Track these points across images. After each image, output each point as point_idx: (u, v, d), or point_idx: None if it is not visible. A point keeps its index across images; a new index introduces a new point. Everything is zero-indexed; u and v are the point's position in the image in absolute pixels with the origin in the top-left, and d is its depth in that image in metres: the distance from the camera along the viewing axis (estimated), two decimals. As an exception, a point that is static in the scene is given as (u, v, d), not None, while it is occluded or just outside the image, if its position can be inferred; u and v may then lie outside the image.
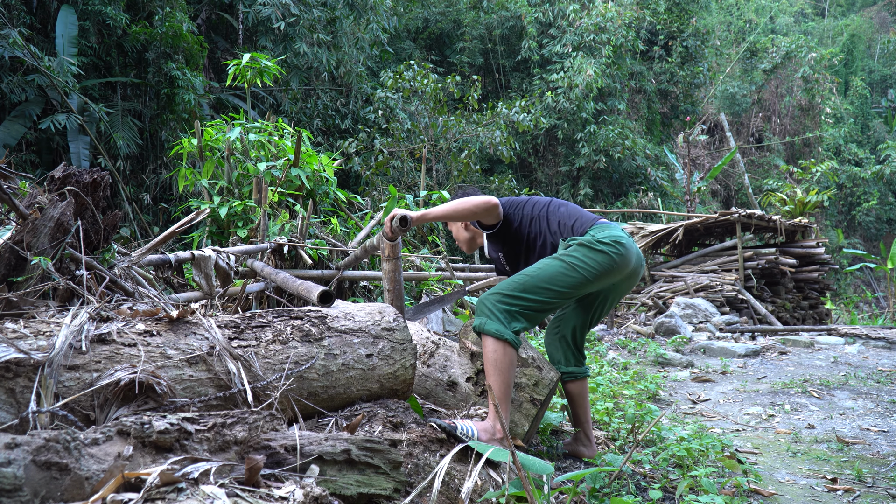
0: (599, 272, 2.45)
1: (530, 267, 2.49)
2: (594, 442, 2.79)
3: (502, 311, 2.37)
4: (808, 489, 2.69)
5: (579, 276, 2.43)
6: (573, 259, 2.44)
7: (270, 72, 6.80)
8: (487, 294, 2.45)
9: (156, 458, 1.39)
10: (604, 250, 2.45)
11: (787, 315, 10.42)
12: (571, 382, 2.78)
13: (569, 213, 2.64)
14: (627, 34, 16.16)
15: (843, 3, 32.89)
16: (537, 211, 2.67)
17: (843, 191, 22.55)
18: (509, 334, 2.33)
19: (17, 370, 1.59)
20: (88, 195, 2.72)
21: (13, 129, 8.36)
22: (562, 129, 15.75)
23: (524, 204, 2.72)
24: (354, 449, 1.63)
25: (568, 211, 2.65)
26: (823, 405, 4.39)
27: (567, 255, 2.46)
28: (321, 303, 2.35)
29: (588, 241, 2.47)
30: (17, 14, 8.60)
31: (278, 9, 11.39)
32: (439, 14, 17.05)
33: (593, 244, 2.46)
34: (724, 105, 22.80)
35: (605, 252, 2.45)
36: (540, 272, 2.43)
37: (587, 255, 2.45)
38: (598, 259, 2.45)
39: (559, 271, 2.43)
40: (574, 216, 2.61)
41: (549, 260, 2.47)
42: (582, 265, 2.43)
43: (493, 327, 2.34)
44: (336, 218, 6.70)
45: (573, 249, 2.47)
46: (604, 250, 2.45)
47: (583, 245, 2.46)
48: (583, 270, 2.43)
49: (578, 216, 2.62)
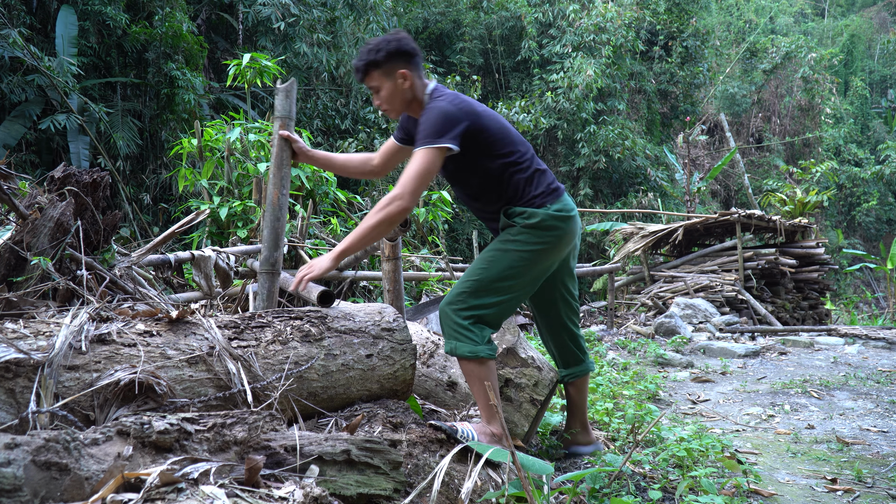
0: (551, 250, 2.30)
1: (478, 264, 2.28)
2: (591, 428, 2.77)
3: (469, 322, 2.20)
4: (808, 489, 2.69)
5: (534, 260, 2.26)
6: (522, 243, 2.26)
7: (270, 72, 6.80)
8: (445, 305, 2.25)
9: (156, 458, 1.39)
10: (554, 225, 2.29)
11: (786, 315, 10.42)
12: (572, 383, 2.72)
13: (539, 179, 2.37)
14: (627, 34, 16.15)
15: (843, 4, 32.88)
16: (508, 159, 2.33)
17: (843, 191, 22.54)
18: (484, 350, 2.18)
19: (17, 370, 1.59)
20: (88, 195, 2.72)
21: (13, 129, 8.36)
22: (562, 130, 15.74)
23: (497, 139, 2.31)
24: (354, 449, 1.63)
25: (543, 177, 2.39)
26: (823, 405, 4.39)
27: (515, 240, 2.27)
28: (321, 303, 2.34)
29: (539, 222, 2.27)
30: (17, 14, 8.60)
31: (278, 9, 11.39)
32: (439, 14, 17.05)
33: (545, 221, 2.27)
34: (723, 105, 22.79)
35: (556, 226, 2.29)
36: (492, 268, 2.24)
37: (537, 235, 2.26)
38: (549, 236, 2.28)
39: (512, 261, 2.24)
40: (540, 185, 2.35)
41: (497, 252, 2.27)
42: (533, 247, 2.26)
43: (465, 349, 2.18)
44: (336, 218, 6.70)
45: (519, 233, 2.27)
46: (554, 225, 2.29)
47: (531, 227, 2.26)
48: (535, 253, 2.26)
49: (545, 186, 2.36)
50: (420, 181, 2.13)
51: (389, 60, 2.25)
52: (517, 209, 2.30)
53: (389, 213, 2.13)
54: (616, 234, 11.95)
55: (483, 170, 2.31)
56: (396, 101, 2.32)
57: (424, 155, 2.14)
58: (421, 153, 2.14)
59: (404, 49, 2.27)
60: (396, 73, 2.27)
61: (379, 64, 2.26)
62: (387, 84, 2.28)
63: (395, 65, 2.26)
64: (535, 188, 2.32)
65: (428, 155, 2.14)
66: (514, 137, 2.37)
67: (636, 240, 11.16)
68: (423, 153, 2.14)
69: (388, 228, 2.17)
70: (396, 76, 2.27)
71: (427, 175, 2.14)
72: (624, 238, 11.72)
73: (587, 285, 14.91)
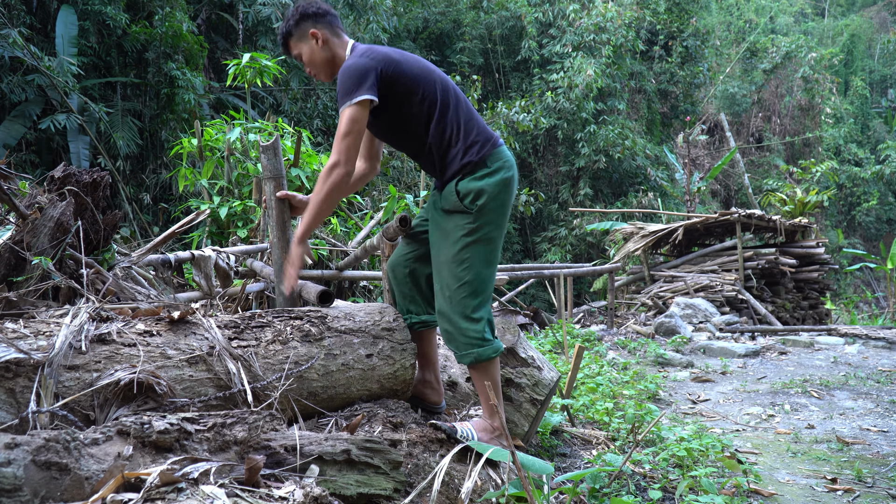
0: (507, 208, 2.25)
1: (455, 266, 2.18)
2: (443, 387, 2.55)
3: (481, 325, 2.19)
4: (808, 489, 2.69)
5: (499, 233, 2.24)
6: (486, 226, 2.20)
7: (270, 72, 6.80)
8: (448, 321, 2.19)
9: (156, 458, 1.39)
10: (500, 191, 2.21)
11: (786, 315, 10.42)
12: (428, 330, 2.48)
13: (469, 125, 2.26)
14: (627, 34, 16.15)
15: (843, 3, 32.87)
16: (436, 105, 2.23)
17: (843, 191, 22.54)
18: (500, 344, 2.23)
19: (17, 370, 1.59)
20: (88, 195, 2.72)
21: (13, 129, 8.36)
22: (562, 129, 15.74)
23: (417, 81, 2.22)
24: (354, 449, 1.63)
25: (471, 122, 2.28)
26: (823, 405, 4.39)
27: (475, 227, 2.18)
28: (320, 302, 2.34)
29: (488, 199, 2.18)
30: (17, 14, 8.60)
31: (278, 9, 11.39)
32: (439, 14, 17.05)
33: (492, 192, 2.18)
34: (724, 105, 22.79)
35: (504, 191, 2.22)
36: (472, 268, 2.18)
37: (494, 211, 2.20)
38: (501, 201, 2.22)
39: (484, 250, 2.20)
40: (471, 130, 2.25)
41: (468, 247, 2.18)
42: (495, 222, 2.21)
43: (490, 351, 2.18)
44: (336, 218, 6.70)
45: (477, 219, 2.18)
46: (500, 191, 2.21)
47: (484, 209, 2.18)
48: (498, 225, 2.22)
49: (476, 130, 2.26)
50: (349, 142, 2.12)
51: (299, 25, 2.32)
52: (462, 187, 2.19)
53: (333, 182, 2.15)
54: (616, 233, 11.95)
55: (408, 118, 2.25)
56: (317, 62, 2.34)
57: (345, 115, 2.13)
58: (343, 114, 2.14)
59: (310, 11, 2.32)
60: (308, 35, 2.31)
61: (292, 32, 2.33)
62: (304, 48, 2.33)
63: (305, 27, 2.31)
64: (468, 136, 2.23)
65: (347, 113, 2.11)
66: (437, 78, 2.27)
67: (636, 240, 11.16)
68: (344, 113, 2.13)
69: (337, 196, 2.19)
70: (309, 37, 2.32)
71: (354, 134, 2.13)
72: (624, 238, 11.72)
73: (587, 285, 14.91)
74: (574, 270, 9.20)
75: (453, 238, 2.20)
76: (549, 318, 9.42)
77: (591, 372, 4.78)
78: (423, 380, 2.47)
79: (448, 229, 2.22)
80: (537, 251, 16.08)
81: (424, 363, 2.49)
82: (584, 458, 2.82)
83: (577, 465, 2.74)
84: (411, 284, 2.44)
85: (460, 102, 2.28)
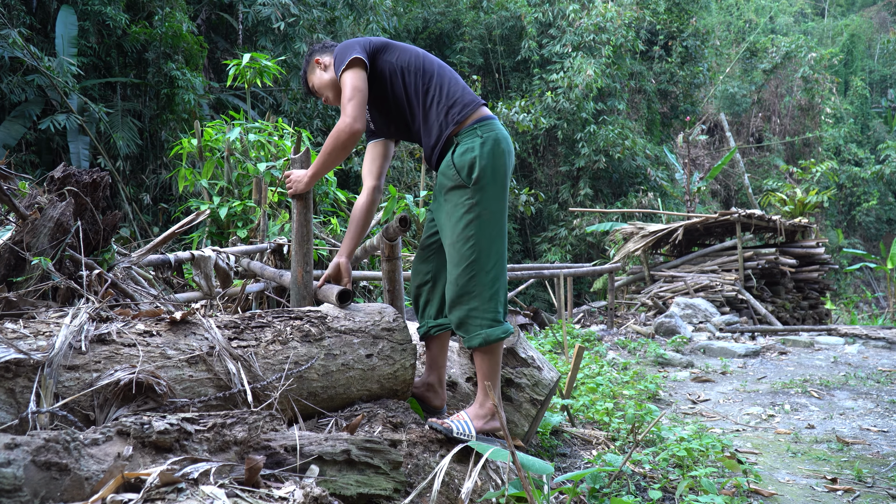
0: (504, 181, 2.27)
1: (459, 246, 2.19)
2: (445, 390, 2.54)
3: (493, 303, 2.19)
4: (808, 489, 2.69)
5: (499, 205, 2.24)
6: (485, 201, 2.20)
7: (270, 72, 6.79)
8: (459, 305, 2.19)
9: (156, 458, 1.39)
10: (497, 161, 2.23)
11: (787, 315, 10.42)
12: (443, 332, 2.46)
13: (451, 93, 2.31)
14: (627, 34, 16.15)
15: (843, 3, 32.87)
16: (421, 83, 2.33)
17: (843, 191, 22.54)
18: (508, 328, 2.21)
19: (16, 370, 1.59)
20: (88, 195, 2.72)
21: (13, 129, 8.36)
22: (562, 129, 15.74)
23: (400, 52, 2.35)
24: (354, 449, 1.63)
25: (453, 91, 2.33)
26: (823, 405, 4.39)
27: (474, 202, 2.20)
28: (340, 302, 2.35)
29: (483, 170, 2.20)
30: (17, 14, 8.60)
31: (278, 9, 11.39)
32: (439, 14, 17.05)
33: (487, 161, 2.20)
34: (723, 105, 22.79)
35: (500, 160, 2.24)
36: (478, 244, 2.18)
37: (492, 188, 2.22)
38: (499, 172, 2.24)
39: (488, 224, 2.20)
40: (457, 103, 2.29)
41: (471, 224, 2.19)
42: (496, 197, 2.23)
43: (496, 333, 2.16)
44: (336, 218, 6.70)
45: (475, 193, 2.20)
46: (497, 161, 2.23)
47: (480, 182, 2.20)
48: (496, 197, 2.23)
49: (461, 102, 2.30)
50: (354, 102, 2.22)
51: (309, 61, 2.54)
52: (457, 160, 2.22)
53: (340, 138, 2.24)
54: (616, 234, 11.95)
55: (399, 91, 2.34)
56: (323, 84, 2.49)
57: (344, 79, 2.26)
58: (342, 80, 2.27)
59: (316, 47, 2.54)
60: (314, 63, 2.51)
61: (306, 70, 2.54)
62: (314, 78, 2.51)
63: (312, 59, 2.52)
64: (450, 98, 2.29)
65: (346, 78, 2.25)
66: (421, 52, 2.41)
67: (636, 240, 11.16)
68: (343, 78, 2.26)
69: (344, 152, 2.29)
70: (315, 65, 2.51)
71: (358, 93, 2.23)
72: (624, 238, 11.72)
73: (587, 285, 14.91)
74: (574, 270, 9.20)
75: (455, 217, 2.23)
76: (549, 318, 9.42)
77: (591, 372, 4.78)
78: (426, 383, 2.47)
79: (449, 210, 2.26)
80: (537, 251, 16.08)
81: (432, 365, 2.50)
82: (584, 458, 2.82)
83: (577, 465, 2.74)
84: (429, 291, 2.47)
85: (445, 71, 2.38)
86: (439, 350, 2.48)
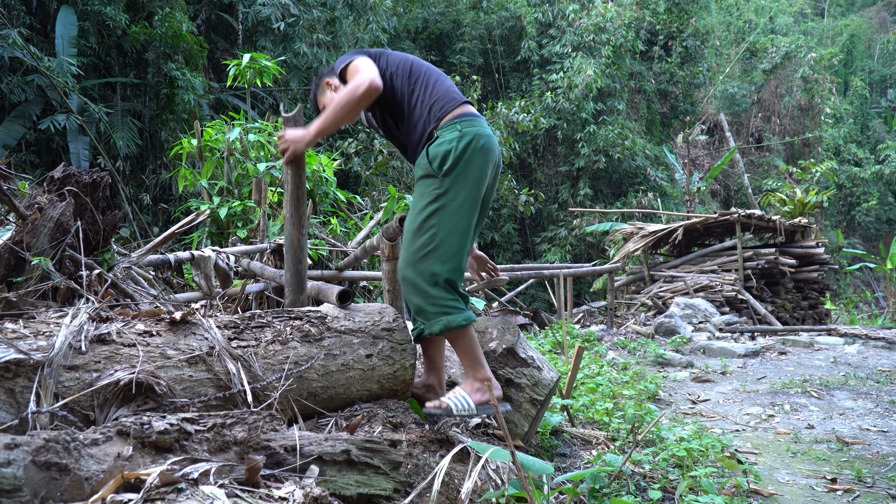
0: (477, 178, 2.26)
1: (419, 234, 2.20)
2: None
3: (449, 292, 2.18)
4: (808, 489, 2.69)
5: (467, 200, 2.22)
6: (452, 192, 2.21)
7: (270, 72, 6.79)
8: (414, 290, 2.20)
9: (156, 458, 1.39)
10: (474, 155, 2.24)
11: (786, 315, 10.42)
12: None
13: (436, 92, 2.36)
14: (627, 34, 16.15)
15: (842, 3, 32.88)
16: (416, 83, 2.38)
17: (843, 191, 22.54)
18: (470, 315, 2.20)
19: (16, 370, 1.59)
20: (88, 195, 2.72)
21: (13, 129, 8.36)
22: (561, 130, 15.74)
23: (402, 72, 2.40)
24: (354, 449, 1.63)
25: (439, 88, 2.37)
26: (823, 405, 4.39)
27: (441, 192, 2.21)
28: (340, 303, 2.35)
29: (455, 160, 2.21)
30: (17, 14, 8.60)
31: (278, 9, 11.39)
32: (439, 14, 17.05)
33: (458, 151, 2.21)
34: (723, 105, 22.79)
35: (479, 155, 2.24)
36: (438, 235, 2.19)
37: (461, 181, 2.21)
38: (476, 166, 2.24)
39: (452, 217, 2.20)
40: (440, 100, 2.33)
41: (434, 214, 2.20)
42: (464, 191, 2.22)
43: (457, 320, 2.16)
44: (335, 218, 6.70)
45: (443, 182, 2.21)
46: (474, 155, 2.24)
47: (452, 171, 2.21)
48: (465, 192, 2.22)
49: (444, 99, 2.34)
50: (362, 71, 2.27)
51: (318, 83, 2.60)
52: (431, 151, 2.25)
53: (359, 90, 2.24)
54: (616, 234, 11.95)
55: (388, 93, 2.38)
56: None
57: (350, 67, 2.33)
58: (348, 70, 2.34)
59: (325, 70, 2.61)
60: (324, 85, 2.56)
61: (315, 92, 2.61)
62: (325, 99, 2.55)
63: (322, 81, 2.58)
64: (433, 95, 2.34)
65: (353, 65, 2.33)
66: (411, 57, 2.47)
67: (636, 240, 11.16)
68: (349, 68, 2.34)
69: (358, 107, 2.28)
70: (325, 87, 2.56)
71: (366, 64, 2.30)
72: (624, 238, 11.72)
73: (587, 285, 14.91)
74: (574, 270, 9.20)
75: (420, 205, 2.25)
76: (548, 318, 9.42)
77: (591, 372, 4.78)
78: (426, 384, 2.47)
79: (415, 198, 2.30)
80: (537, 251, 16.08)
81: (431, 367, 2.50)
82: (584, 459, 2.83)
83: (577, 465, 2.74)
84: None
85: (431, 72, 2.43)
86: (436, 351, 2.48)
